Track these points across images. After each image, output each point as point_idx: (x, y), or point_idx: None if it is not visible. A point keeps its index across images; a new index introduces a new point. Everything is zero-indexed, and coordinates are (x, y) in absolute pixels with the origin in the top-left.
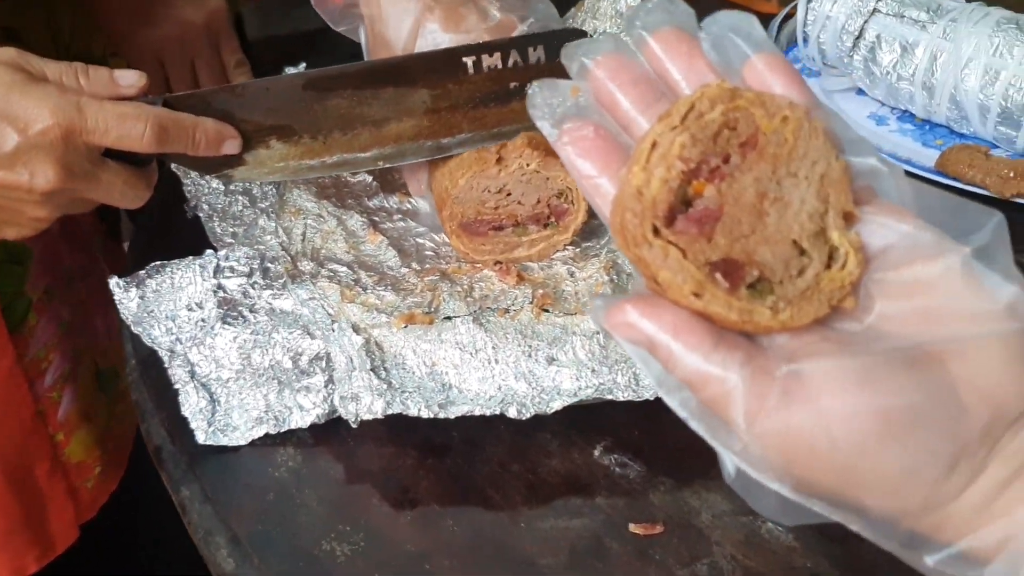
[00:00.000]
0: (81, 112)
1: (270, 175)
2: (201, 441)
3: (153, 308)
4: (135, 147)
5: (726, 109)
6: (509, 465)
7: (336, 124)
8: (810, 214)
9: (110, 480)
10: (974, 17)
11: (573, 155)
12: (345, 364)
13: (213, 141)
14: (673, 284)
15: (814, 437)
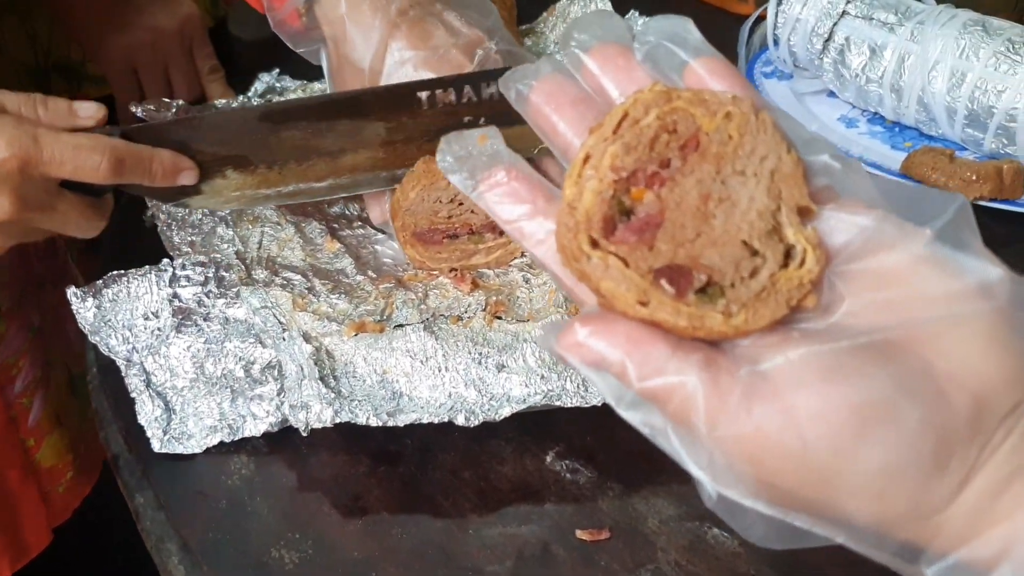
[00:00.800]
0: (37, 143)
1: (226, 204)
2: (157, 449)
3: (110, 317)
4: (91, 178)
5: (662, 112)
6: (461, 472)
7: (292, 155)
8: (760, 212)
9: (83, 484)
10: (941, 19)
11: (492, 204)
12: (295, 373)
13: (169, 172)
14: (617, 294)
15: (783, 438)
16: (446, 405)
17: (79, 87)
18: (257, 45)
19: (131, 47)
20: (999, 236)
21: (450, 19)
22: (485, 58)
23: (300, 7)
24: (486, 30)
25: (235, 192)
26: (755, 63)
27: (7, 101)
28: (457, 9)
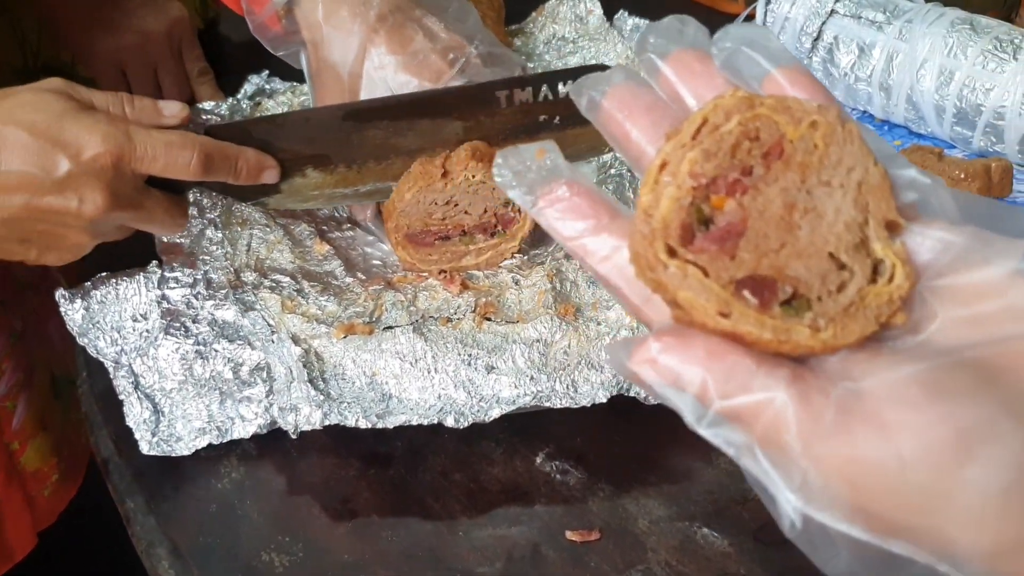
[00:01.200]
0: (130, 140)
1: (304, 202)
2: (145, 451)
3: (98, 319)
4: (182, 175)
5: (744, 119)
6: (451, 474)
7: (371, 154)
8: (847, 224)
9: (68, 487)
10: (929, 18)
11: (553, 220)
12: (284, 375)
13: (254, 170)
14: (696, 304)
15: (881, 459)
16: (435, 407)
17: None
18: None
19: (120, 50)
20: None
21: (429, 24)
22: (465, 63)
23: (279, 11)
24: (465, 34)
25: (314, 191)
26: None
27: (96, 99)
28: (436, 14)
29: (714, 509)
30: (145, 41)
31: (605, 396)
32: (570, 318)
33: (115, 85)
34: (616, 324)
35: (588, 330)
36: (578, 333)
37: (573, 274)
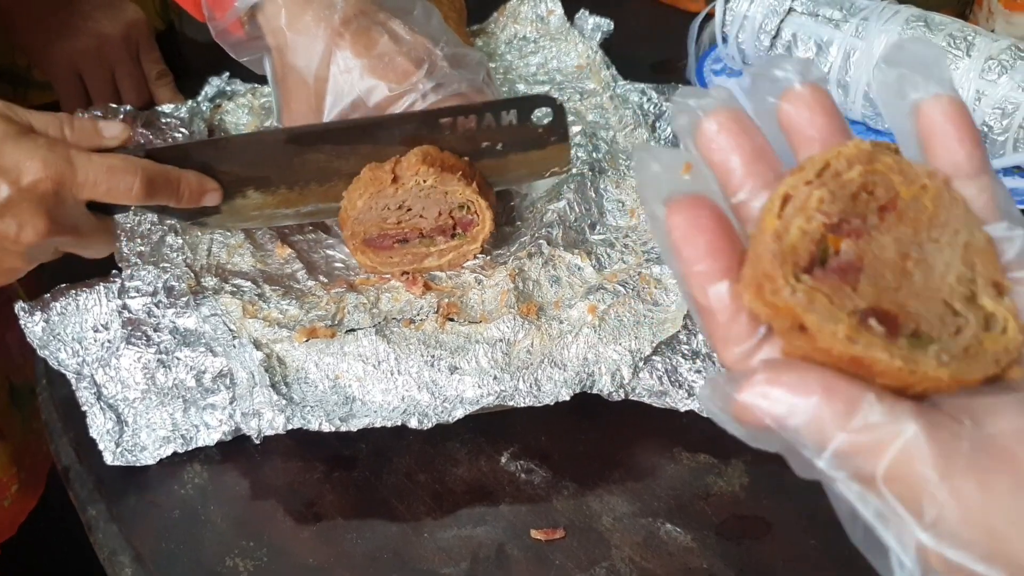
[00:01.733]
0: (71, 165)
1: (244, 222)
2: (109, 462)
3: (59, 331)
4: (123, 199)
5: (865, 170)
6: (416, 475)
7: (314, 176)
8: (958, 278)
9: (28, 498)
10: (884, 15)
11: (680, 240)
12: (247, 380)
13: (196, 193)
14: (824, 328)
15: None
16: (399, 408)
17: (25, 94)
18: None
19: (76, 53)
20: None
21: (394, 27)
22: (431, 64)
23: (242, 16)
24: (430, 35)
25: (254, 211)
26: (704, 60)
27: (35, 121)
28: (400, 16)
29: (676, 505)
30: (101, 44)
31: (568, 394)
32: (532, 317)
33: (72, 89)
34: (578, 322)
35: (550, 328)
36: (540, 332)
37: (535, 273)
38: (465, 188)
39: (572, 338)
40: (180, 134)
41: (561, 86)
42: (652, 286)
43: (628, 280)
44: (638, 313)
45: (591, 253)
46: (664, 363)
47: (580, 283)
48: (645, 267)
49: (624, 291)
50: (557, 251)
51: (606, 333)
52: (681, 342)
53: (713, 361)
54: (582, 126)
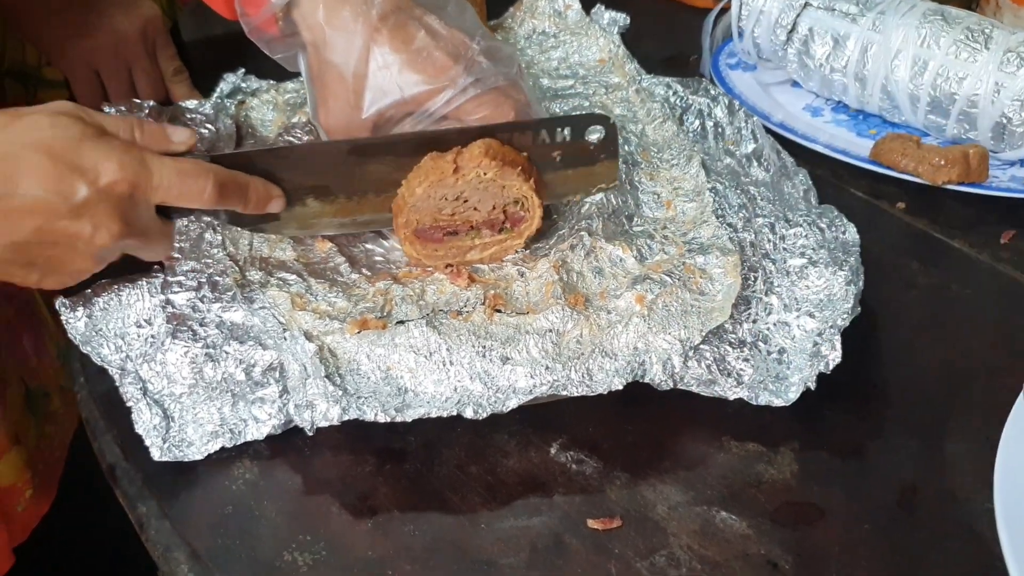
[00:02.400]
0: (147, 167)
1: (301, 229)
2: (157, 458)
3: (101, 327)
4: (195, 203)
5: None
6: (467, 467)
7: (372, 187)
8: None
9: (41, 502)
10: (901, 9)
11: None
12: (299, 372)
13: (263, 200)
14: None
15: None
16: (452, 399)
17: (35, 92)
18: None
19: (93, 51)
20: (967, 218)
21: (430, 22)
22: (469, 59)
23: (277, 13)
24: (465, 30)
25: (313, 219)
26: (719, 55)
27: (107, 123)
28: (435, 11)
29: (729, 493)
30: (119, 41)
31: (620, 383)
32: (580, 308)
33: (89, 86)
34: (627, 312)
35: (599, 319)
36: (589, 322)
37: (578, 264)
38: (523, 184)
39: (622, 328)
40: (207, 130)
41: (585, 80)
42: (698, 276)
43: (673, 270)
44: (685, 303)
45: (632, 244)
46: (712, 352)
47: (623, 274)
48: (688, 257)
49: (671, 281)
50: (599, 243)
51: (655, 322)
52: (728, 331)
53: (760, 350)
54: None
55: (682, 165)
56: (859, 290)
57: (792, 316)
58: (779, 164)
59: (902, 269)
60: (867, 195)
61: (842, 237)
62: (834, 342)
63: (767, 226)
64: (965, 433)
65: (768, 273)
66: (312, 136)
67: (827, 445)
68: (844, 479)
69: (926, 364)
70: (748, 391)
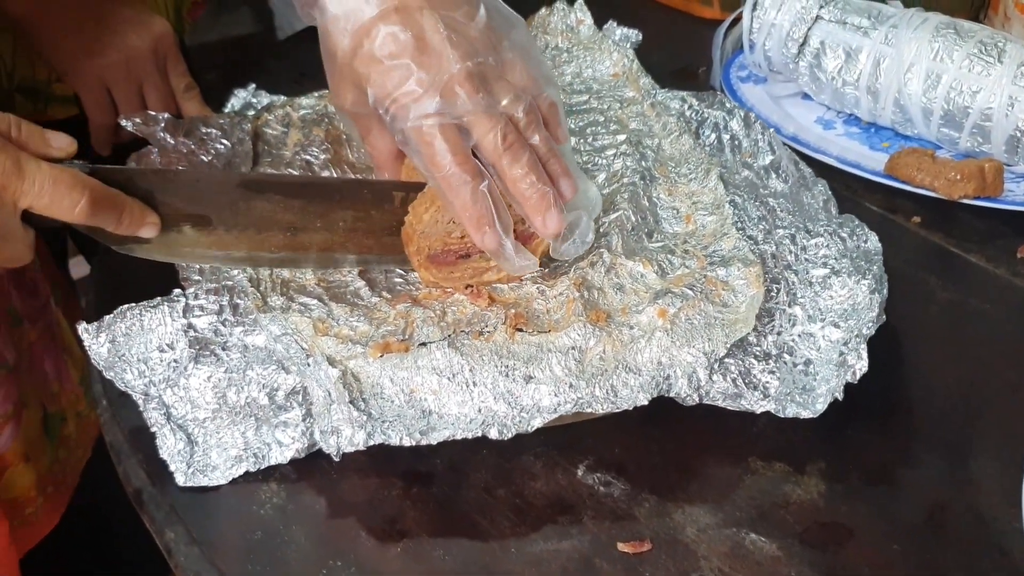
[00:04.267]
0: (20, 168)
1: (171, 257)
2: (181, 483)
3: (124, 352)
4: (64, 216)
5: None
6: (495, 490)
7: (253, 223)
8: None
9: (41, 524)
10: (913, 23)
11: None
12: (323, 398)
13: (136, 223)
14: None
15: None
16: (477, 420)
17: (45, 108)
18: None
19: (105, 68)
20: (982, 232)
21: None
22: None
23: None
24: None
25: (186, 247)
26: (730, 67)
27: None
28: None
29: (758, 514)
30: (130, 58)
31: (645, 399)
32: (602, 324)
33: (100, 103)
34: (649, 327)
35: (621, 335)
36: (612, 338)
37: (599, 281)
38: None
39: (645, 343)
40: (222, 145)
41: (599, 95)
42: (720, 288)
43: (695, 283)
44: (708, 315)
45: (652, 260)
46: (737, 365)
47: (645, 289)
48: (710, 270)
49: (692, 294)
50: (618, 259)
51: (678, 336)
52: (752, 344)
53: (785, 362)
54: (626, 135)
55: (700, 179)
56: (883, 298)
57: (817, 327)
58: (797, 175)
59: (920, 284)
60: (882, 209)
61: (864, 246)
62: (860, 351)
63: (788, 237)
64: (990, 451)
65: (791, 284)
66: (329, 155)
67: (853, 464)
68: (871, 498)
69: (948, 381)
70: (775, 404)
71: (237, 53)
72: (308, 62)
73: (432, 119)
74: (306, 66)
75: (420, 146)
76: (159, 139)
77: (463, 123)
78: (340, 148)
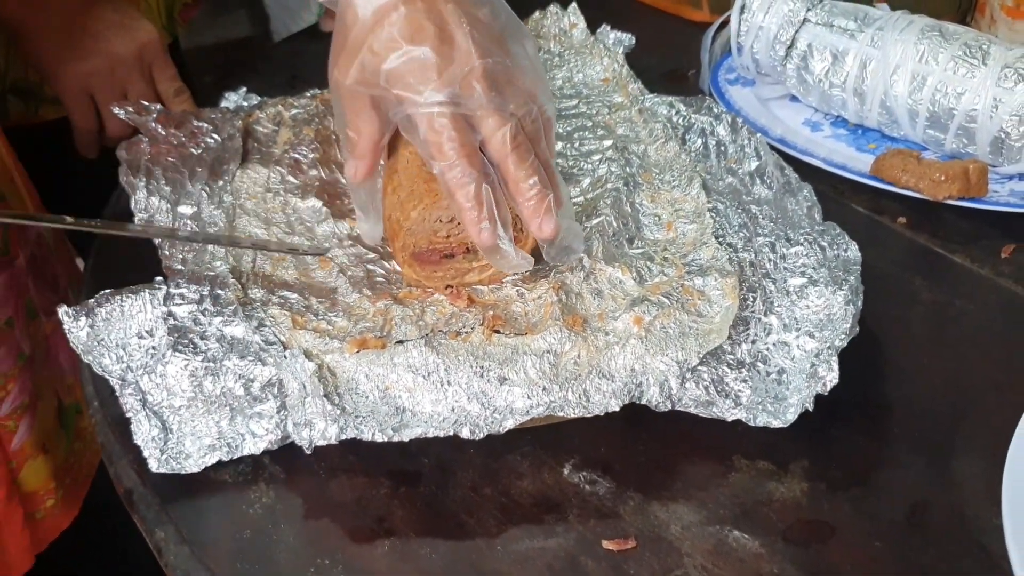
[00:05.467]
0: None
1: None
2: (154, 469)
3: (103, 337)
4: None
5: None
6: (481, 489)
7: None
8: None
9: (62, 516)
10: (899, 25)
11: None
12: (298, 390)
13: None
14: None
15: None
16: (450, 419)
17: (36, 109)
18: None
19: (88, 74)
20: (966, 232)
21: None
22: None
23: None
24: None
25: None
26: (718, 70)
27: None
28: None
29: (741, 512)
30: (114, 65)
31: (617, 405)
32: (578, 329)
33: (83, 109)
34: (624, 334)
35: (596, 340)
36: (587, 343)
37: (577, 286)
38: (515, 204)
39: (619, 349)
40: (212, 139)
41: (588, 100)
42: (696, 298)
43: (672, 292)
44: (683, 324)
45: (631, 267)
46: (710, 373)
47: (622, 295)
48: (687, 279)
49: (668, 303)
50: (598, 264)
51: (652, 344)
52: (726, 352)
53: (759, 371)
54: (612, 140)
55: (683, 186)
56: (858, 310)
57: (792, 336)
58: (783, 181)
59: (905, 285)
60: (868, 210)
61: (844, 255)
62: (831, 363)
63: (767, 245)
64: (972, 449)
65: (768, 293)
66: (318, 154)
67: (836, 463)
68: (854, 497)
69: (931, 380)
70: (746, 412)
71: (233, 55)
72: (301, 65)
73: (445, 108)
74: (299, 69)
75: (428, 133)
76: (150, 129)
77: (474, 117)
78: (329, 148)
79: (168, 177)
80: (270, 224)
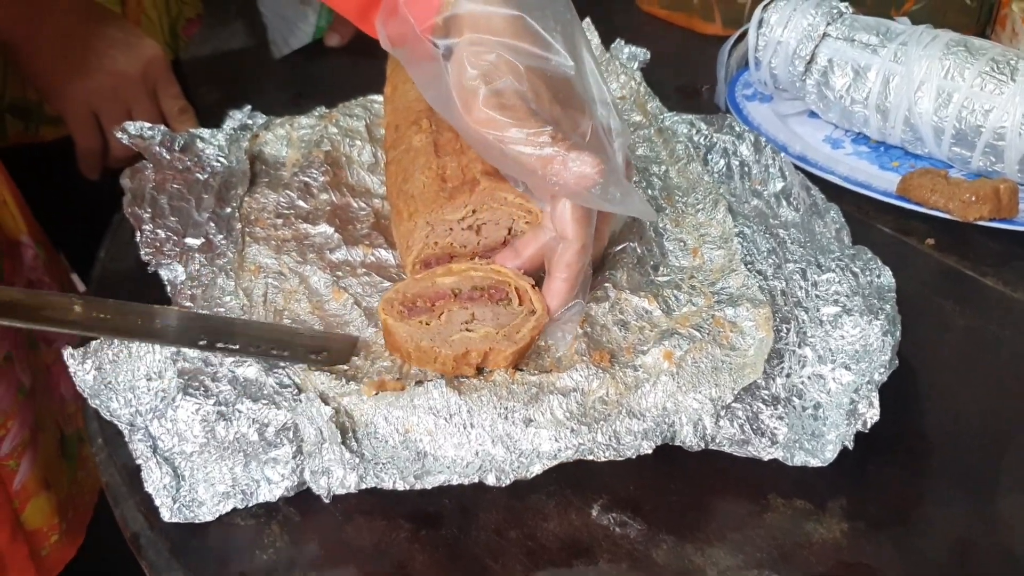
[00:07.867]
0: None
1: None
2: (167, 518)
3: (111, 379)
4: None
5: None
6: (506, 532)
7: None
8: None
9: (67, 548)
10: (923, 40)
11: None
12: (314, 436)
13: None
14: None
15: None
16: (474, 464)
17: (36, 129)
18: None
19: (92, 92)
20: (997, 254)
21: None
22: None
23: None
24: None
25: None
26: (735, 85)
27: None
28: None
29: (780, 554)
30: (118, 83)
31: (649, 447)
32: (605, 364)
33: (87, 128)
34: (655, 370)
35: (625, 377)
36: (615, 380)
37: (603, 318)
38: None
39: (649, 387)
40: (219, 163)
41: None
42: (728, 330)
43: (702, 324)
44: (716, 359)
45: (658, 296)
46: (744, 410)
47: (650, 327)
48: (717, 309)
49: (699, 336)
50: (623, 294)
51: (684, 381)
52: (760, 387)
53: (795, 406)
54: (633, 161)
55: (708, 210)
56: (896, 341)
57: (827, 368)
58: (809, 202)
59: (937, 310)
60: (894, 231)
61: (877, 281)
62: (872, 399)
63: (798, 272)
64: (1017, 485)
65: (801, 323)
66: (328, 177)
67: (874, 501)
68: (895, 537)
69: (969, 411)
70: (783, 451)
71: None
72: (305, 82)
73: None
74: (303, 86)
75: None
76: (154, 153)
77: None
78: (339, 171)
79: (174, 206)
80: (280, 253)
